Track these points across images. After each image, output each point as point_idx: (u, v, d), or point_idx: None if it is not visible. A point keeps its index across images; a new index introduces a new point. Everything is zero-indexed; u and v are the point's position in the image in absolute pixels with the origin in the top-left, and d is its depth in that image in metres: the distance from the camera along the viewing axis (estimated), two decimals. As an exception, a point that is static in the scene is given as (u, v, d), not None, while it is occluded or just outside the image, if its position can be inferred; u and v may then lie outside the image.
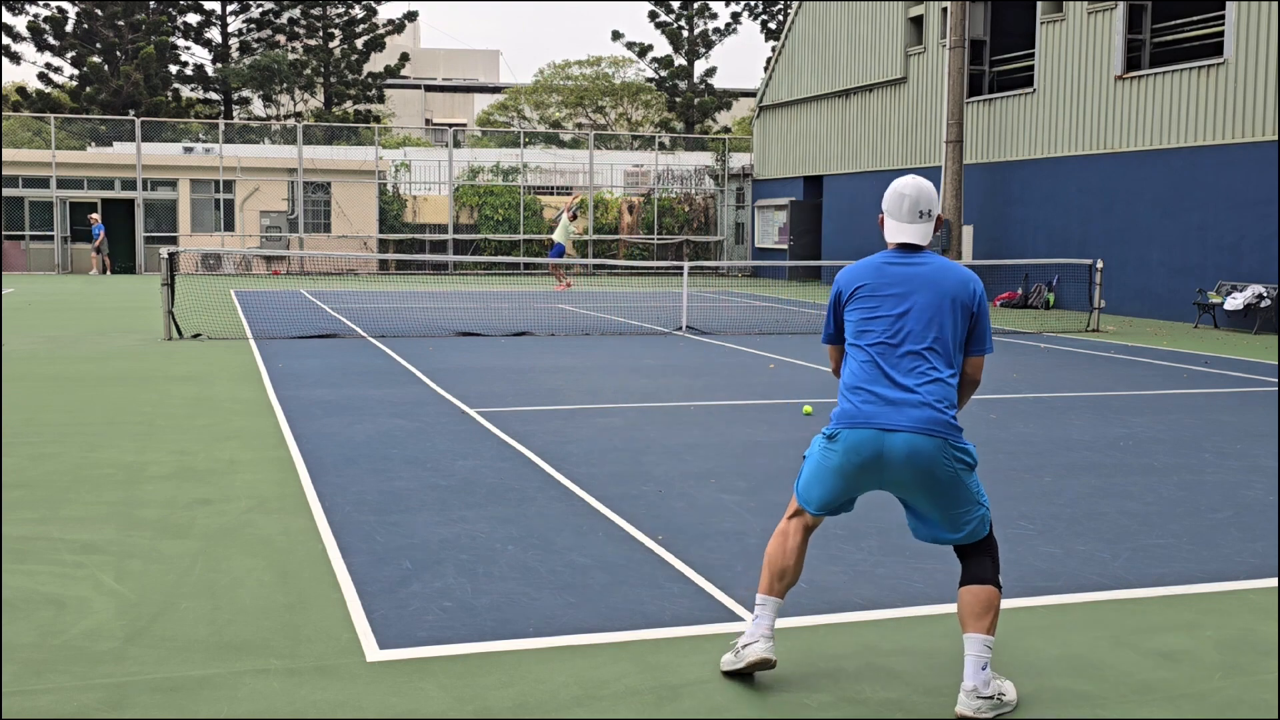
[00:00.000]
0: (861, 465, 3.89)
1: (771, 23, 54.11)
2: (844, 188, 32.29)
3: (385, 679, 4.07)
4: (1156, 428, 9.47)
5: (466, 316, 19.99)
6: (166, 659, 4.23)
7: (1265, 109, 19.72)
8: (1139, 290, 22.33)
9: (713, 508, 6.56)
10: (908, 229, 4.02)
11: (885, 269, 4.01)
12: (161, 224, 36.01)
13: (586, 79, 61.05)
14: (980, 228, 26.57)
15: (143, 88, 46.54)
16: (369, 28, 52.14)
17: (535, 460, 7.83)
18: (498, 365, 13.17)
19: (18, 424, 9.01)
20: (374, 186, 37.46)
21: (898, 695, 4.01)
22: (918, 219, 4.01)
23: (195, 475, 7.32)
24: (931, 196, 4.03)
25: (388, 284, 30.96)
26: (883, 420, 3.84)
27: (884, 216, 4.08)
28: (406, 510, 6.44)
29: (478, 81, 75.39)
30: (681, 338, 16.78)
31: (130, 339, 15.62)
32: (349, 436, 8.63)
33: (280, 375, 12.01)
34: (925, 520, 3.99)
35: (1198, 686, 4.13)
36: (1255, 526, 6.32)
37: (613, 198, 40.82)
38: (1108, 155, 23.11)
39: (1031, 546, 5.84)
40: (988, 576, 3.93)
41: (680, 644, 4.44)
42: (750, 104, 45.47)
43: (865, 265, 4.07)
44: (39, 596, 4.92)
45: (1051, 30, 24.51)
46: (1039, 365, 13.90)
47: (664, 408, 10.26)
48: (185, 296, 18.88)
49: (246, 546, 5.71)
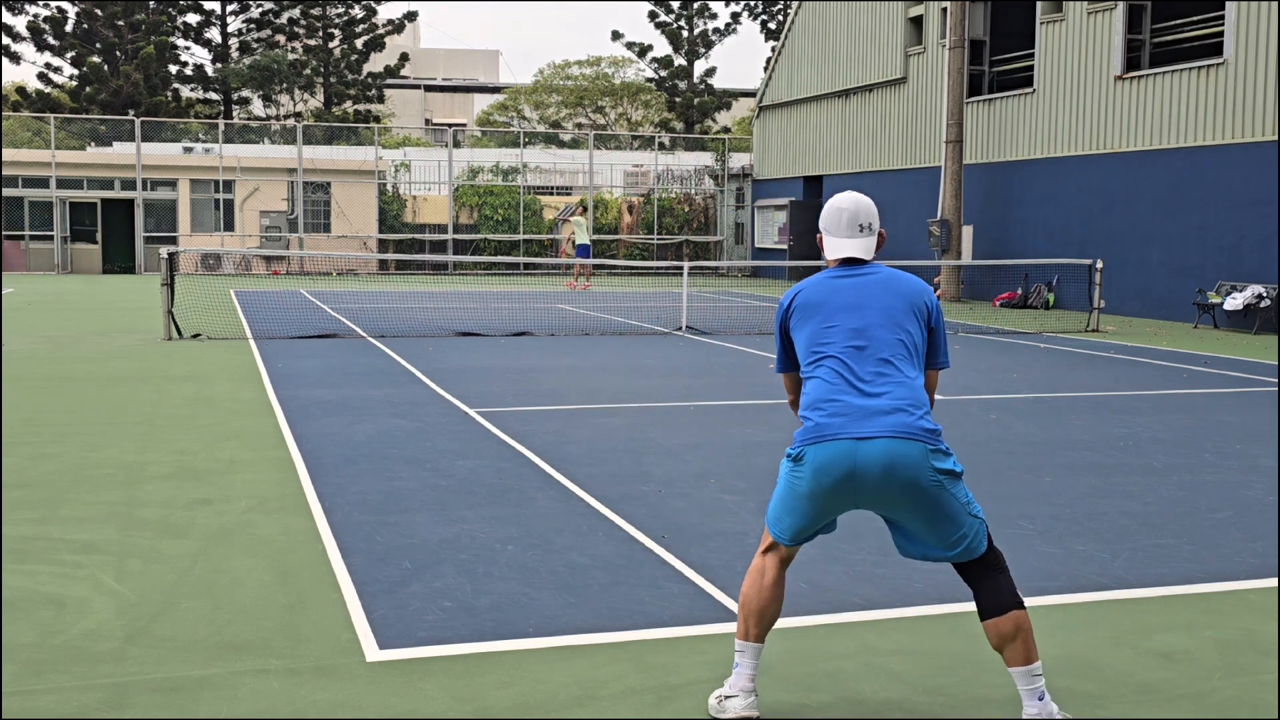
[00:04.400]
0: (834, 485, 3.56)
1: (771, 23, 54.12)
2: (844, 188, 32.03)
3: (385, 679, 4.07)
4: (1156, 428, 9.46)
5: (466, 316, 19.99)
6: (166, 659, 4.23)
7: (1265, 109, 19.72)
8: (1139, 290, 22.33)
9: (713, 508, 6.56)
10: (848, 244, 3.82)
11: (832, 283, 3.80)
12: (161, 224, 36.01)
13: (586, 79, 61.06)
14: (980, 228, 26.57)
15: (143, 88, 46.54)
16: (369, 28, 52.15)
17: (535, 460, 7.83)
18: (498, 365, 13.17)
19: (18, 424, 9.01)
20: (374, 186, 37.46)
21: (898, 695, 4.00)
22: (858, 233, 3.82)
23: (195, 475, 7.32)
24: (871, 211, 3.85)
25: (387, 284, 30.96)
26: (853, 430, 3.53)
27: (822, 235, 3.88)
28: (406, 510, 6.44)
29: (477, 81, 75.40)
30: (681, 338, 16.78)
31: (130, 339, 15.62)
32: (349, 436, 8.63)
33: (280, 375, 12.01)
34: (913, 538, 3.67)
35: (1198, 686, 4.13)
36: (1255, 526, 6.32)
37: (612, 198, 40.82)
38: (1108, 155, 23.10)
39: (1031, 546, 5.84)
40: (1005, 602, 3.59)
41: (680, 644, 4.44)
42: (750, 104, 45.45)
43: (808, 283, 3.85)
44: (39, 596, 4.92)
45: (1051, 30, 24.51)
46: (1039, 365, 13.90)
47: (664, 408, 10.26)
48: (185, 296, 18.87)
49: (246, 546, 5.71)
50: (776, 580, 3.78)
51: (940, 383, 4.15)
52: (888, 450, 3.50)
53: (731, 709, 3.75)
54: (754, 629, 3.78)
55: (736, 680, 3.79)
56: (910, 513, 3.58)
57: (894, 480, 3.51)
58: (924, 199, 27.76)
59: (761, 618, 3.77)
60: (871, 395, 3.59)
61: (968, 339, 17.30)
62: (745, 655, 3.79)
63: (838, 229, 3.85)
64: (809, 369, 3.76)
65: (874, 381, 3.61)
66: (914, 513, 3.58)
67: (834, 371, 3.67)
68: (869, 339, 3.67)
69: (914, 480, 3.51)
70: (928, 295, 3.81)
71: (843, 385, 3.63)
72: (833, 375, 3.67)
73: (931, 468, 3.52)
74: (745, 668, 3.78)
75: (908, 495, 3.54)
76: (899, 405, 3.57)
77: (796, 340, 3.84)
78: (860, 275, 3.80)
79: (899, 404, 3.57)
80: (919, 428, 3.54)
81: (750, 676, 3.78)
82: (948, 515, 3.57)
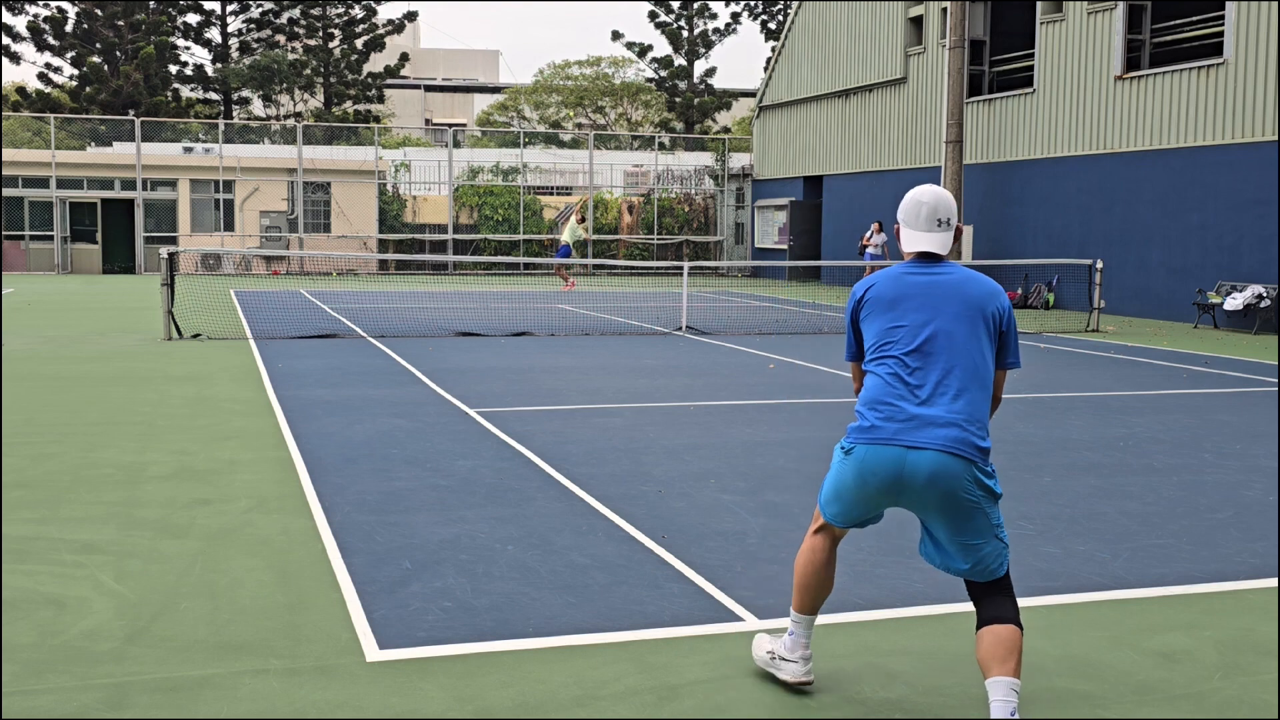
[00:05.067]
0: (880, 486, 3.69)
1: (771, 23, 54.12)
2: (844, 188, 32.30)
3: (385, 679, 4.07)
4: (1156, 428, 9.46)
5: (466, 316, 19.99)
6: (166, 659, 4.23)
7: (1265, 109, 19.72)
8: (1139, 290, 22.33)
9: (713, 508, 6.56)
10: (925, 238, 3.85)
11: (904, 279, 3.83)
12: (161, 224, 36.01)
13: (586, 79, 61.06)
14: (980, 228, 26.57)
15: (143, 88, 46.54)
16: (369, 28, 52.16)
17: (535, 460, 7.83)
18: (498, 365, 13.17)
19: (18, 424, 9.01)
20: (374, 186, 37.46)
21: (898, 695, 4.01)
22: (936, 228, 3.86)
23: (195, 475, 7.32)
24: (950, 205, 3.88)
25: (387, 284, 30.96)
26: (906, 438, 3.64)
27: (900, 227, 3.93)
28: (406, 510, 6.44)
29: (477, 81, 75.41)
30: (681, 338, 16.78)
31: (130, 339, 15.62)
32: (349, 436, 8.63)
33: (280, 375, 12.01)
34: (939, 547, 3.78)
35: (1198, 686, 4.13)
36: (1255, 526, 6.32)
37: (613, 198, 40.82)
38: (1108, 155, 23.11)
39: (1031, 546, 5.84)
40: (1009, 616, 3.67)
41: (680, 644, 4.44)
42: (750, 104, 45.48)
43: (883, 275, 3.89)
44: (39, 596, 4.92)
45: (1051, 30, 24.51)
46: (1039, 365, 13.89)
47: (664, 408, 10.26)
48: (185, 296, 18.88)
49: (246, 546, 5.71)
50: (828, 560, 3.98)
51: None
52: (936, 462, 3.62)
53: (789, 671, 3.99)
54: (807, 602, 3.99)
55: (792, 647, 4.01)
56: (942, 520, 3.70)
57: (935, 489, 3.63)
58: (924, 199, 27.74)
59: (814, 593, 3.98)
60: (928, 404, 3.68)
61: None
62: (800, 626, 4.01)
63: (916, 222, 3.89)
64: (871, 364, 3.84)
65: (933, 390, 3.69)
66: (945, 521, 3.69)
67: (894, 374, 3.74)
68: (934, 345, 3.72)
69: (954, 493, 3.63)
70: (1001, 299, 3.83)
71: (901, 389, 3.71)
72: (892, 377, 3.74)
73: (973, 486, 3.64)
74: (800, 637, 4.01)
75: (944, 504, 3.66)
76: (955, 420, 3.65)
77: (865, 332, 3.89)
78: (935, 274, 3.84)
79: (955, 418, 3.65)
80: (971, 445, 3.65)
81: (805, 645, 4.00)
82: (975, 530, 3.68)
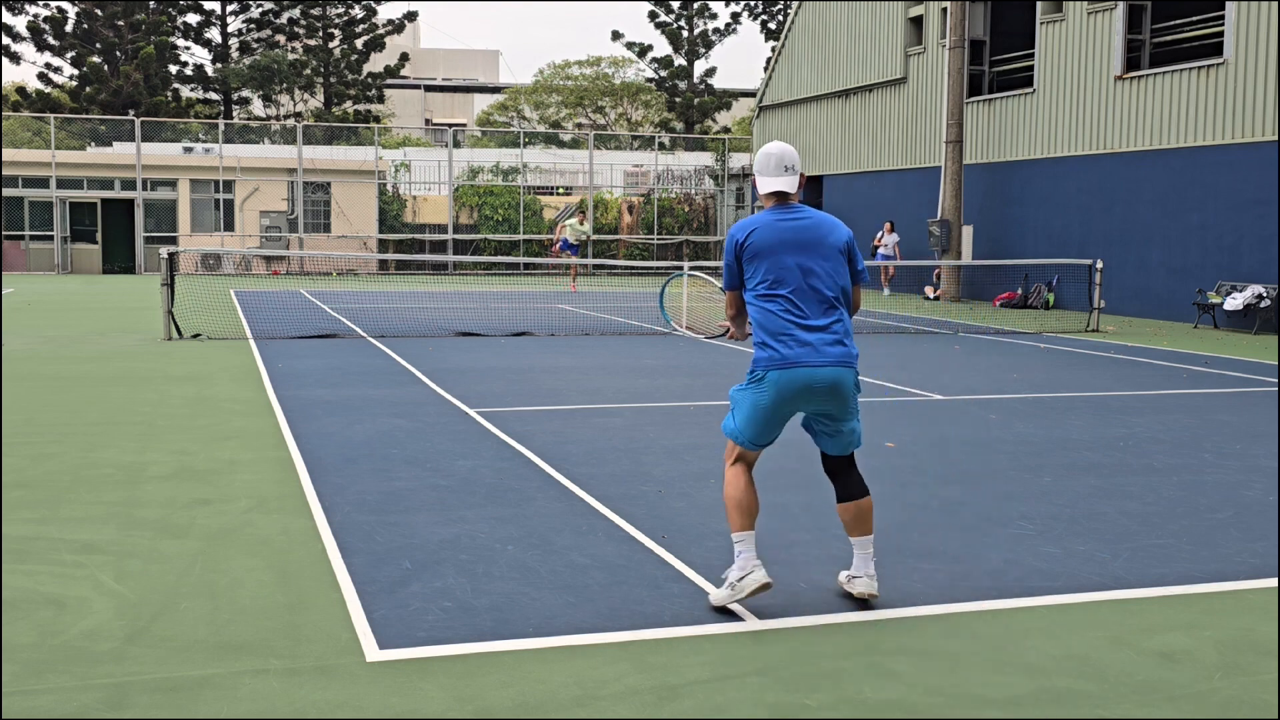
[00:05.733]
0: (793, 396, 4.71)
1: (771, 23, 54.12)
2: (844, 188, 32.29)
3: (385, 679, 4.07)
4: (1156, 428, 9.46)
5: (466, 316, 19.99)
6: (166, 659, 4.23)
7: (1265, 109, 19.72)
8: (1139, 290, 22.33)
9: (713, 508, 6.56)
10: (777, 180, 4.86)
11: (777, 225, 4.81)
12: (161, 224, 36.02)
13: (586, 79, 61.05)
14: (980, 228, 26.57)
15: (143, 88, 46.55)
16: (369, 28, 52.16)
17: (535, 460, 7.83)
18: (498, 365, 13.17)
19: (18, 424, 9.01)
20: (374, 186, 37.47)
21: (898, 695, 4.01)
22: (784, 172, 4.87)
23: (195, 475, 7.32)
24: (794, 156, 4.90)
25: (387, 284, 30.96)
26: (810, 360, 4.68)
27: (755, 176, 4.92)
28: (406, 510, 6.44)
29: (477, 81, 75.41)
30: (681, 338, 16.78)
31: (130, 339, 15.62)
32: (349, 436, 8.63)
33: (280, 375, 12.01)
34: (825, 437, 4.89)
35: (1198, 686, 4.13)
36: (1255, 526, 6.32)
37: (612, 198, 40.82)
38: (1108, 155, 23.11)
39: (1031, 546, 5.84)
40: (862, 491, 4.91)
41: (680, 644, 4.44)
42: (750, 104, 45.45)
43: (756, 220, 4.85)
44: (39, 596, 4.92)
45: (1051, 30, 24.51)
46: (1039, 365, 13.90)
47: (664, 408, 10.26)
48: (185, 296, 18.88)
49: (246, 546, 5.71)
50: (750, 482, 4.87)
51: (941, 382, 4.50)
52: (834, 374, 4.73)
53: (753, 581, 4.66)
54: (747, 520, 4.81)
55: (745, 565, 4.71)
56: (832, 409, 4.80)
57: (834, 393, 4.76)
58: (924, 199, 27.77)
59: (749, 511, 4.82)
60: (818, 330, 4.73)
61: (967, 339, 17.31)
62: (745, 543, 4.77)
63: (768, 169, 4.90)
64: (761, 300, 4.78)
65: (820, 318, 4.75)
66: (833, 409, 4.80)
67: (786, 309, 4.74)
68: (812, 279, 4.76)
69: (842, 392, 4.78)
70: (845, 231, 4.92)
71: (794, 318, 4.73)
72: (785, 311, 4.74)
73: (855, 383, 4.82)
74: (749, 552, 4.75)
75: (836, 396, 4.78)
76: (839, 337, 4.76)
77: (748, 269, 4.85)
78: (798, 220, 4.84)
79: (839, 337, 4.76)
80: (853, 356, 4.79)
81: (754, 557, 4.74)
82: (851, 411, 4.86)
